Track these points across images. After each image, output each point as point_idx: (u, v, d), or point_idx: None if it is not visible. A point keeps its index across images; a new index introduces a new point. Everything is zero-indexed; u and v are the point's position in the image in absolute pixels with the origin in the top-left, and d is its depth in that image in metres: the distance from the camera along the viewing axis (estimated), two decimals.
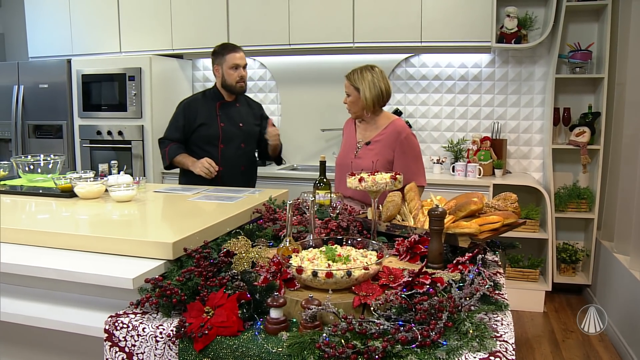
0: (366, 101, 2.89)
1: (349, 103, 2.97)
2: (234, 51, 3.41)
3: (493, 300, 1.63)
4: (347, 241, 1.92)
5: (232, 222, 2.26)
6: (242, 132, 3.50)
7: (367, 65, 2.97)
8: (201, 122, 3.42)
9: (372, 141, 2.96)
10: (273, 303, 1.48)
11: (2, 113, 5.20)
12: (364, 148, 2.97)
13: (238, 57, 3.40)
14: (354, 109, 2.97)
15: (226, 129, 3.44)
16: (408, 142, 2.92)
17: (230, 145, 3.46)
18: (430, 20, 4.34)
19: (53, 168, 3.08)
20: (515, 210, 2.16)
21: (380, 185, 2.01)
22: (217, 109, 3.46)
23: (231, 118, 3.48)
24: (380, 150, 2.91)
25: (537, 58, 4.58)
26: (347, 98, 2.97)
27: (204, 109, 3.45)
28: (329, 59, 5.00)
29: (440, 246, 1.85)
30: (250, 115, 3.58)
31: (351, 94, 2.94)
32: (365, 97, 2.88)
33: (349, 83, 2.94)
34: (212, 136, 3.42)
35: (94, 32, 5.17)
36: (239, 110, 3.52)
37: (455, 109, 4.81)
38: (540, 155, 4.69)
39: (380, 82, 2.91)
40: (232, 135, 3.46)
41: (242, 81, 3.42)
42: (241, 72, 3.40)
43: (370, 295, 1.56)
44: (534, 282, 4.31)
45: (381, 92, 2.90)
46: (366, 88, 2.88)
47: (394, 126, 2.94)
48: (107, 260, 1.83)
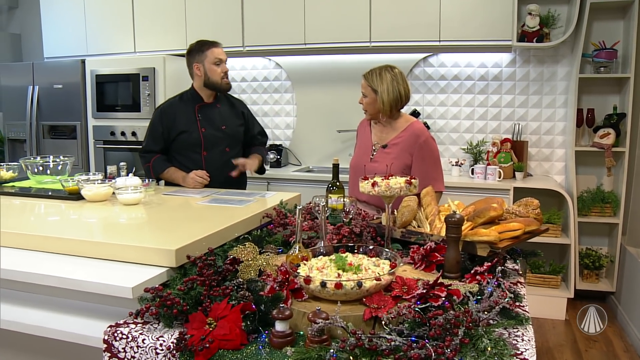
0: (383, 105, 2.77)
1: (365, 104, 2.85)
2: (214, 46, 3.20)
3: (513, 314, 1.53)
4: (359, 249, 1.83)
5: (241, 227, 2.18)
6: (225, 136, 3.28)
7: (386, 65, 2.84)
8: (181, 130, 3.20)
9: (389, 144, 2.84)
10: (278, 315, 1.40)
11: (18, 113, 5.21)
12: (380, 151, 2.86)
13: (220, 52, 3.21)
14: (370, 110, 2.85)
15: (207, 134, 3.22)
16: (427, 146, 2.81)
17: (213, 150, 3.25)
18: (449, 19, 4.24)
19: (62, 169, 3.03)
20: (537, 216, 2.06)
21: (394, 190, 1.92)
22: (196, 113, 3.24)
23: (212, 121, 3.25)
24: (398, 154, 2.80)
25: (559, 57, 4.45)
26: (363, 98, 2.85)
27: (182, 114, 3.22)
28: (345, 59, 4.92)
29: (457, 255, 1.76)
30: (233, 115, 3.35)
31: (368, 95, 2.81)
32: (382, 100, 2.76)
33: (366, 83, 2.82)
34: (194, 143, 3.21)
35: (108, 32, 5.16)
36: (220, 111, 3.30)
37: (475, 110, 4.70)
38: (562, 158, 4.55)
39: (400, 84, 2.78)
40: (215, 140, 3.24)
41: (227, 77, 3.23)
42: (225, 67, 3.21)
43: (382, 307, 1.48)
44: (556, 289, 4.18)
45: (400, 95, 2.78)
46: (384, 91, 2.75)
47: (412, 129, 2.82)
48: (108, 267, 1.77)
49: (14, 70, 5.27)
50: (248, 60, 5.25)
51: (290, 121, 5.24)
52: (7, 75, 5.27)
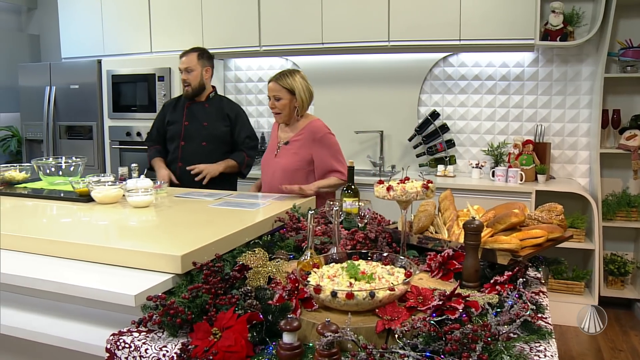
0: (303, 103, 3.05)
1: (280, 106, 3.04)
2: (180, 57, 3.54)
3: (535, 327, 1.44)
4: (373, 256, 1.76)
5: (252, 232, 2.12)
6: (205, 131, 3.51)
7: (290, 69, 3.13)
8: (169, 121, 3.57)
9: (290, 141, 3.09)
10: (286, 327, 1.33)
11: (35, 114, 5.23)
12: (283, 148, 3.11)
13: (181, 62, 3.51)
14: (286, 111, 3.06)
15: (189, 127, 3.51)
16: (326, 140, 3.07)
17: (191, 143, 3.50)
18: (470, 17, 4.14)
19: (75, 171, 3.00)
20: (560, 223, 1.96)
21: (410, 194, 1.83)
22: (185, 109, 3.55)
23: (196, 117, 3.53)
24: (297, 150, 3.05)
25: (584, 56, 4.32)
26: (274, 102, 3.05)
27: (175, 109, 3.60)
28: (363, 59, 4.84)
29: (476, 263, 1.67)
30: (218, 115, 3.55)
31: (283, 97, 3.03)
32: (301, 98, 3.04)
33: (279, 86, 3.03)
34: (176, 134, 3.53)
35: (125, 32, 5.15)
36: (206, 110, 3.55)
37: (496, 111, 4.59)
38: (586, 160, 4.43)
39: (309, 84, 3.11)
40: (194, 134, 3.51)
41: (185, 85, 3.50)
42: (183, 76, 3.48)
43: (395, 319, 1.40)
44: (579, 296, 4.06)
45: (311, 94, 3.12)
46: (301, 90, 3.04)
47: (310, 127, 3.08)
48: (112, 272, 1.72)
49: (31, 70, 5.29)
50: (265, 60, 5.20)
51: None
52: (25, 76, 5.29)
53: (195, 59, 3.48)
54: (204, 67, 3.52)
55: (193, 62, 3.47)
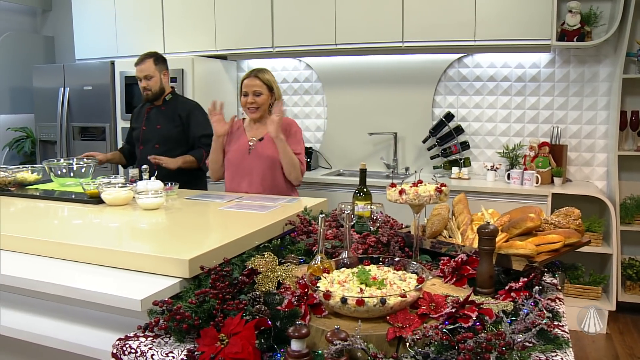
0: (277, 98, 3.13)
1: (261, 101, 3.08)
2: (136, 65, 3.53)
3: (551, 336, 1.39)
4: (384, 261, 1.72)
5: (262, 235, 2.08)
6: (157, 134, 3.53)
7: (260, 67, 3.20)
8: (133, 127, 3.69)
9: (265, 137, 3.09)
10: (294, 333, 1.29)
11: (49, 115, 5.25)
12: (258, 144, 3.09)
13: (136, 70, 3.52)
14: (263, 107, 3.10)
15: (146, 131, 3.58)
16: (293, 130, 3.14)
17: (147, 146, 3.55)
18: (485, 17, 4.08)
19: (86, 172, 2.99)
20: (578, 227, 1.91)
21: (423, 198, 1.79)
22: (146, 113, 3.60)
23: (152, 120, 3.57)
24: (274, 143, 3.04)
25: (602, 57, 4.24)
26: (254, 97, 3.06)
27: (139, 114, 3.67)
28: (377, 60, 4.80)
29: (490, 269, 1.63)
30: (170, 117, 3.55)
31: (263, 93, 3.08)
32: (279, 94, 3.16)
33: (260, 82, 3.06)
34: (137, 138, 3.62)
35: (138, 33, 5.16)
36: (163, 112, 3.57)
37: (512, 112, 4.53)
38: (604, 163, 4.35)
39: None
40: (149, 137, 3.56)
41: (144, 90, 3.51)
42: (143, 83, 3.49)
43: (406, 327, 1.36)
44: (596, 301, 3.97)
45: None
46: (277, 87, 3.16)
47: (285, 120, 3.12)
48: (119, 276, 1.70)
49: (46, 72, 5.32)
50: (278, 61, 5.18)
51: (321, 123, 5.15)
52: (39, 77, 5.32)
53: (152, 65, 3.48)
54: (162, 72, 3.53)
55: (151, 69, 3.47)
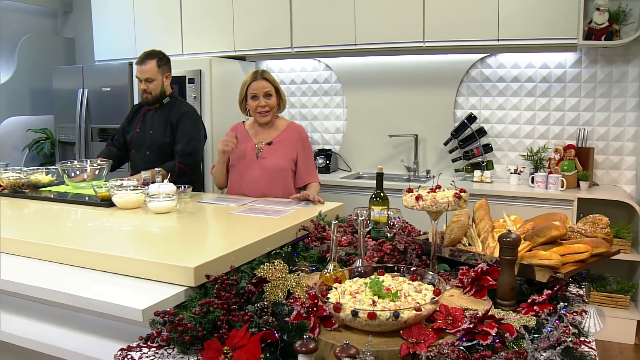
0: (283, 100, 3.08)
1: (272, 103, 3.01)
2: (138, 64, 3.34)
3: (577, 354, 1.30)
4: (400, 270, 1.64)
5: (274, 241, 2.02)
6: (148, 139, 3.36)
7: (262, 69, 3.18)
8: (125, 129, 3.50)
9: (274, 141, 3.04)
10: (301, 348, 1.23)
11: (68, 116, 5.28)
12: (266, 148, 3.03)
13: (137, 71, 3.34)
14: (274, 110, 3.04)
15: (138, 135, 3.41)
16: (308, 141, 3.12)
17: (139, 151, 3.41)
18: (509, 16, 3.97)
19: (99, 174, 2.96)
20: (606, 236, 1.81)
21: (440, 204, 1.71)
22: (141, 116, 3.44)
23: (146, 124, 3.40)
24: (285, 149, 3.02)
25: (631, 56, 4.10)
26: (265, 100, 2.99)
27: (135, 116, 3.50)
28: (398, 60, 4.72)
29: (512, 280, 1.54)
30: (162, 122, 3.34)
31: (273, 95, 3.01)
32: (283, 97, 3.09)
33: (269, 83, 2.99)
34: (130, 141, 3.45)
35: (156, 35, 5.15)
36: (158, 116, 3.38)
37: (536, 114, 4.41)
38: (632, 166, 4.20)
39: None
40: (141, 142, 3.39)
41: (144, 93, 3.34)
42: (143, 85, 3.32)
43: (421, 342, 1.28)
44: (624, 310, 3.83)
45: None
46: (281, 89, 3.08)
47: (294, 127, 3.11)
48: (123, 283, 1.64)
49: (65, 73, 5.35)
50: (297, 62, 5.13)
51: (340, 125, 5.07)
52: (59, 78, 5.36)
53: (155, 67, 3.30)
54: (164, 75, 3.37)
55: (153, 71, 3.29)
